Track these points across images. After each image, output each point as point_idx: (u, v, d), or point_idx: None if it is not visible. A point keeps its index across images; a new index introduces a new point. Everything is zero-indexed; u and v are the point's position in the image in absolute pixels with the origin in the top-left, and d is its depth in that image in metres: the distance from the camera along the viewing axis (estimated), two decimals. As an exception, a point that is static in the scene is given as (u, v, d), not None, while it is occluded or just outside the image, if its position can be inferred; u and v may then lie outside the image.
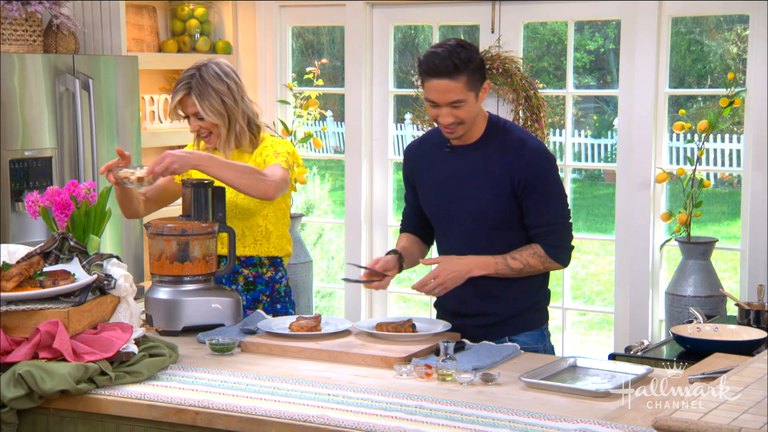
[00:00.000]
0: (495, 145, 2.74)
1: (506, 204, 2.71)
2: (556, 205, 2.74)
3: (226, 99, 2.98)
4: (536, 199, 2.71)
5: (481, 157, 2.74)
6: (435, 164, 2.81)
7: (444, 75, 2.61)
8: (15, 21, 3.92)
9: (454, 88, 2.61)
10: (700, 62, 6.97)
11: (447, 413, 2.12)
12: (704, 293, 3.98)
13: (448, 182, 2.78)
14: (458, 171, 2.76)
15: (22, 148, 3.77)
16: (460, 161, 2.76)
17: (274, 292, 3.08)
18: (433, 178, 2.81)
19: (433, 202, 2.84)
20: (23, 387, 2.24)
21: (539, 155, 2.72)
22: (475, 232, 2.75)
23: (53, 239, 2.56)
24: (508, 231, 2.75)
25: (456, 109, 2.65)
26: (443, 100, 2.63)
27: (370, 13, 4.76)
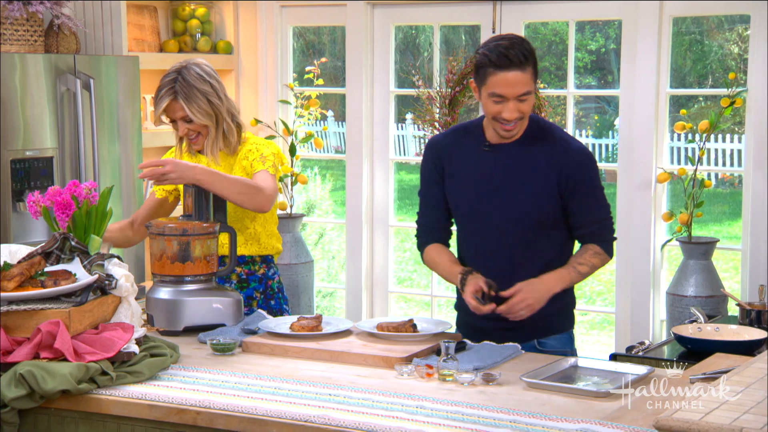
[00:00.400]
0: (539, 145, 2.70)
1: (551, 204, 2.69)
2: (602, 203, 2.75)
3: (212, 99, 2.97)
4: (584, 199, 2.70)
5: (526, 156, 2.69)
6: (471, 162, 2.74)
7: (516, 66, 2.57)
8: (16, 21, 3.92)
9: (524, 79, 2.59)
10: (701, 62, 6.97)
11: (448, 413, 2.12)
12: (705, 293, 3.98)
13: (489, 181, 2.71)
14: (499, 169, 2.70)
15: (23, 148, 3.77)
16: (502, 159, 2.70)
17: (268, 289, 3.09)
18: (470, 176, 2.73)
19: (469, 202, 2.74)
20: (24, 387, 2.24)
21: (585, 156, 2.73)
22: (516, 233, 2.70)
23: (54, 239, 2.57)
24: (549, 232, 2.73)
25: (522, 102, 2.61)
26: (513, 93, 2.59)
27: (371, 13, 4.76)
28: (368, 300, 4.90)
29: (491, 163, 2.72)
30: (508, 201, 2.70)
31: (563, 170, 2.67)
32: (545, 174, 2.68)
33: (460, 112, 4.62)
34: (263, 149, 3.00)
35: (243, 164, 3.01)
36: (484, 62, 2.61)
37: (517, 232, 2.71)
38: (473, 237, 2.78)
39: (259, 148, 3.00)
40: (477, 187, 2.73)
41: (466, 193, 2.76)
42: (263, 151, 3.00)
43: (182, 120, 2.99)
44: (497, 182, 2.71)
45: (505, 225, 2.71)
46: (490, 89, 2.60)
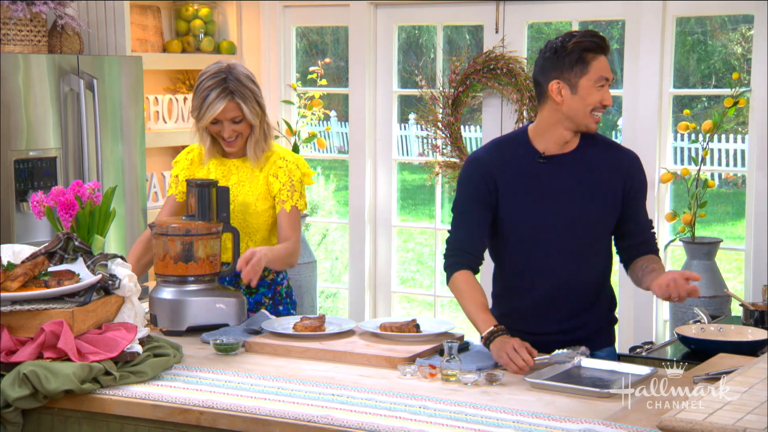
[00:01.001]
0: (593, 154, 2.66)
1: (612, 212, 2.66)
2: (645, 210, 2.74)
3: (259, 100, 2.96)
4: (640, 204, 2.70)
5: (584, 167, 2.64)
6: (529, 177, 2.64)
7: (605, 51, 2.60)
8: (20, 21, 3.93)
9: (607, 66, 2.61)
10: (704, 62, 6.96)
11: (451, 413, 2.12)
12: (709, 293, 3.97)
13: (549, 193, 2.63)
14: (558, 180, 2.63)
15: (26, 148, 3.78)
16: (560, 170, 2.63)
17: (276, 294, 3.08)
18: (528, 190, 2.63)
19: (527, 215, 2.63)
20: (28, 387, 2.24)
21: (639, 160, 2.73)
22: (578, 241, 2.64)
23: (58, 239, 2.57)
24: (604, 238, 2.71)
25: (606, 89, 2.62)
26: (607, 75, 2.59)
27: (374, 13, 4.76)
28: (371, 300, 4.90)
29: (549, 174, 2.63)
30: (573, 211, 2.63)
31: (626, 175, 2.66)
32: (609, 181, 2.65)
33: (463, 112, 4.62)
34: (292, 172, 2.97)
35: (270, 180, 2.98)
36: (589, 47, 2.57)
37: (580, 240, 2.65)
38: (526, 255, 2.66)
39: (289, 172, 2.97)
40: (537, 200, 2.63)
41: (525, 208, 2.64)
42: (292, 176, 2.97)
43: (231, 121, 2.93)
44: (558, 194, 2.63)
45: (569, 235, 2.64)
46: (597, 74, 2.57)
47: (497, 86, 4.47)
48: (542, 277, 2.65)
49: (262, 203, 3.00)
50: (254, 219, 3.00)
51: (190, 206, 2.88)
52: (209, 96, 2.90)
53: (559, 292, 2.64)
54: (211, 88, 2.91)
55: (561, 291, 2.64)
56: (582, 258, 2.66)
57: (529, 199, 2.63)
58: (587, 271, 2.67)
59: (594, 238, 2.67)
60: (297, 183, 2.99)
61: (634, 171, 2.69)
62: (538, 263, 2.65)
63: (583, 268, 2.67)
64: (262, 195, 3.00)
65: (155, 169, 4.68)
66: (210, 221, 2.86)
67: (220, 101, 2.90)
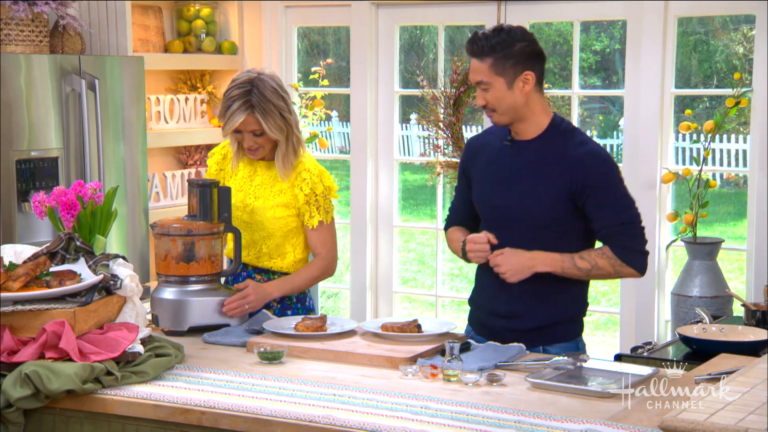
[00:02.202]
0: (554, 145, 2.70)
1: (561, 205, 2.68)
2: (620, 206, 2.70)
3: (285, 114, 2.92)
4: (597, 202, 2.67)
5: (541, 155, 2.71)
6: (493, 158, 2.78)
7: (474, 55, 2.68)
8: (21, 21, 3.93)
9: (478, 68, 2.68)
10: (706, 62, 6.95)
11: (452, 413, 2.12)
12: (710, 294, 3.97)
13: (506, 178, 2.74)
14: (515, 167, 2.73)
15: (28, 148, 3.78)
16: (520, 156, 2.73)
17: (285, 298, 3.07)
18: (490, 171, 2.78)
19: (487, 196, 2.79)
20: (30, 387, 2.24)
21: (598, 159, 2.69)
22: (531, 230, 2.70)
23: (59, 239, 2.57)
24: (566, 234, 2.71)
25: (482, 91, 2.69)
26: (472, 79, 2.71)
27: (375, 14, 4.76)
28: (373, 300, 4.90)
29: (509, 158, 2.76)
30: (522, 197, 2.71)
31: (574, 173, 2.66)
32: (557, 174, 2.67)
33: (465, 112, 4.62)
34: (315, 183, 2.97)
35: (296, 192, 2.97)
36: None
37: (530, 229, 2.70)
38: (493, 231, 2.74)
39: (312, 180, 2.96)
40: (492, 181, 2.77)
41: (485, 188, 2.80)
42: (315, 189, 2.96)
43: (252, 133, 2.92)
44: (513, 178, 2.73)
45: (519, 220, 2.71)
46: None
47: (499, 86, 4.46)
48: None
49: (281, 210, 2.98)
50: (270, 224, 2.98)
51: (191, 206, 2.88)
52: (232, 106, 2.89)
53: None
54: (235, 99, 2.89)
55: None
56: (537, 244, 2.68)
57: (490, 179, 2.79)
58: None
59: (544, 229, 2.69)
60: (321, 198, 2.98)
61: (586, 169, 2.67)
62: (500, 240, 2.72)
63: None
64: (283, 202, 2.98)
65: (157, 170, 4.68)
66: (211, 221, 2.86)
67: (240, 114, 2.88)
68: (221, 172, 3.10)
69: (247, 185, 3.02)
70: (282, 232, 3.00)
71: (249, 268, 3.06)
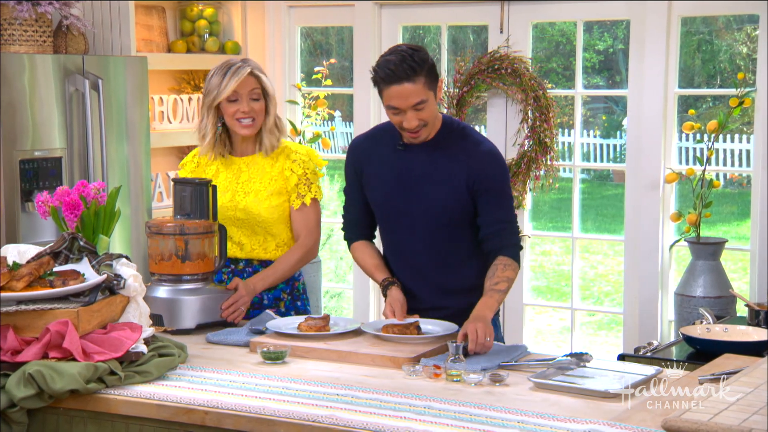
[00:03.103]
0: (450, 145, 2.79)
1: (462, 201, 2.78)
2: (508, 206, 2.83)
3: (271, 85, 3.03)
4: (491, 198, 2.78)
5: (437, 156, 2.80)
6: (386, 162, 2.84)
7: (403, 79, 2.65)
8: (25, 21, 3.94)
9: (414, 90, 2.66)
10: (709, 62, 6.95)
11: (456, 413, 2.12)
12: (714, 294, 3.97)
13: (403, 180, 2.82)
14: (413, 169, 2.80)
15: (32, 148, 3.78)
16: (415, 159, 2.81)
17: (294, 290, 3.10)
18: (385, 175, 2.84)
19: (385, 200, 2.86)
20: (33, 386, 2.25)
21: (493, 157, 2.81)
22: (429, 230, 2.81)
23: (63, 239, 2.57)
24: (465, 228, 2.82)
25: (419, 111, 2.70)
26: (406, 104, 2.68)
27: (378, 14, 4.76)
28: (376, 300, 4.90)
29: (404, 162, 2.82)
30: (420, 199, 2.80)
31: (472, 170, 2.77)
32: (454, 173, 2.77)
33: (468, 112, 4.62)
34: (306, 161, 3.03)
35: (287, 175, 3.02)
36: (376, 79, 2.72)
37: (431, 229, 2.81)
38: (392, 234, 2.90)
39: (302, 159, 3.02)
40: (391, 185, 2.84)
41: (381, 192, 2.86)
42: (307, 167, 3.02)
43: (249, 96, 2.96)
44: (409, 181, 2.81)
45: (419, 223, 2.82)
46: (386, 102, 2.71)
47: (502, 86, 4.46)
48: (403, 258, 2.87)
49: (276, 198, 3.02)
50: (268, 213, 3.01)
51: (178, 206, 2.89)
52: (227, 72, 2.96)
53: (420, 274, 2.83)
54: (227, 68, 2.97)
55: (421, 272, 2.83)
56: (436, 246, 2.81)
57: (384, 184, 2.84)
58: (444, 260, 2.82)
59: (445, 227, 2.80)
60: (311, 175, 3.04)
61: (482, 166, 2.77)
62: (396, 245, 2.89)
63: (438, 256, 2.82)
64: (276, 190, 3.02)
65: (160, 169, 4.68)
66: (206, 220, 2.87)
67: (240, 73, 2.94)
68: None
69: (234, 184, 3.05)
70: (282, 219, 3.04)
71: (255, 263, 3.07)
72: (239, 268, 3.08)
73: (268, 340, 2.64)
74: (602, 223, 9.27)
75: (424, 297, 2.85)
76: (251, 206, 3.02)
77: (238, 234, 3.06)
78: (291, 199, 3.03)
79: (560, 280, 7.65)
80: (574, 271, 4.64)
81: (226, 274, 3.10)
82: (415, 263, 2.85)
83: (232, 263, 3.09)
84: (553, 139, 4.45)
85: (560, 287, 7.55)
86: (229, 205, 3.03)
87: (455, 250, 2.83)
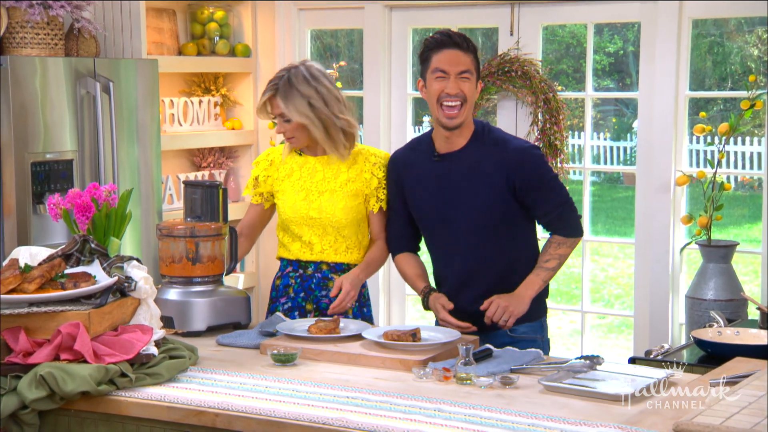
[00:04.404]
0: (483, 149, 2.87)
1: (503, 204, 2.85)
2: (553, 191, 2.90)
3: (314, 102, 2.95)
4: (539, 192, 2.87)
5: (473, 161, 2.86)
6: (425, 173, 2.92)
7: (456, 45, 2.79)
8: (37, 25, 3.95)
9: (464, 59, 2.79)
10: (721, 64, 6.92)
11: (466, 416, 2.12)
12: (725, 297, 3.95)
13: (444, 188, 2.88)
14: (451, 177, 2.88)
15: (43, 150, 3.80)
16: (452, 167, 2.88)
17: (361, 297, 3.10)
18: (425, 186, 2.91)
19: (428, 209, 2.92)
20: (45, 388, 2.25)
21: (525, 152, 2.88)
22: (474, 236, 2.87)
23: (74, 241, 2.58)
24: (508, 231, 2.89)
25: (463, 81, 2.79)
26: (454, 69, 2.78)
27: (388, 16, 4.77)
28: (385, 304, 4.90)
29: (441, 171, 2.89)
30: (462, 207, 2.86)
31: (507, 170, 2.83)
32: (492, 177, 2.84)
33: (478, 114, 4.62)
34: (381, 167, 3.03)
35: (366, 177, 3.02)
36: (428, 46, 2.83)
37: (475, 235, 2.87)
38: (437, 243, 2.96)
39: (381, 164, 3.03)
40: (431, 196, 2.90)
41: (423, 204, 2.93)
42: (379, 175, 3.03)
43: (280, 117, 2.99)
44: (449, 190, 2.88)
45: (463, 230, 2.87)
46: (433, 66, 2.80)
47: (512, 88, 4.46)
48: (449, 269, 2.94)
49: (352, 200, 3.01)
50: (343, 215, 3.00)
51: (189, 209, 2.89)
52: (265, 92, 3.02)
53: (468, 278, 2.89)
54: (270, 82, 3.02)
55: (469, 277, 2.89)
56: (481, 251, 2.87)
57: (425, 195, 2.92)
58: (491, 264, 2.89)
59: (489, 231, 2.87)
60: (384, 181, 3.05)
61: (517, 164, 2.84)
62: (442, 255, 2.96)
63: (484, 261, 2.88)
64: (353, 191, 3.01)
65: (171, 172, 4.69)
66: (217, 222, 2.87)
67: (265, 95, 3.00)
68: (269, 179, 3.10)
69: (308, 183, 3.03)
70: (356, 220, 3.03)
71: (324, 268, 3.04)
72: (308, 273, 3.05)
73: (279, 343, 2.64)
74: (612, 225, 9.25)
75: (467, 303, 2.88)
76: (326, 206, 3.00)
77: (309, 233, 3.03)
78: (370, 202, 3.03)
79: (570, 282, 7.64)
80: (584, 273, 4.62)
81: (293, 278, 3.06)
82: (462, 271, 2.91)
83: (300, 268, 3.06)
84: (564, 141, 4.45)
85: (570, 290, 7.53)
86: (303, 204, 3.01)
87: (502, 254, 2.89)
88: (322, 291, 3.04)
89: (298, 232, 3.03)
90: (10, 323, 2.36)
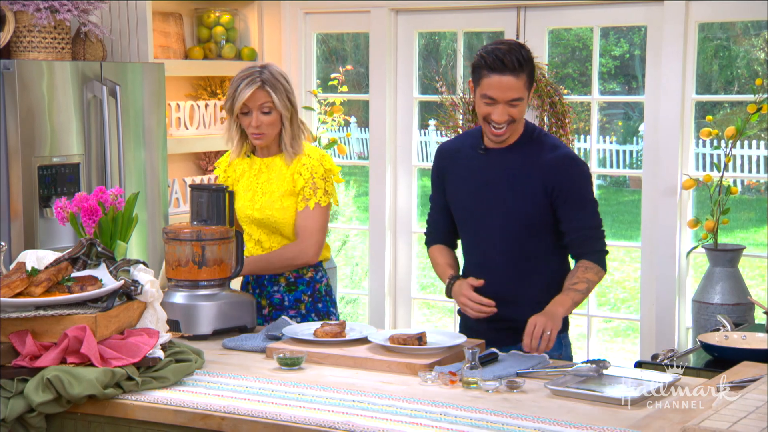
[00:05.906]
0: (529, 151, 2.79)
1: (540, 208, 2.76)
2: (591, 211, 2.80)
3: (290, 97, 3.06)
4: (571, 205, 2.76)
5: (516, 161, 2.78)
6: (469, 166, 2.85)
7: (508, 71, 2.66)
8: (44, 29, 3.97)
9: (516, 85, 2.67)
10: (727, 68, 6.91)
11: (472, 420, 2.11)
12: (732, 301, 3.94)
13: (484, 184, 2.81)
14: (493, 173, 2.80)
15: (50, 154, 3.81)
16: (495, 164, 2.80)
17: (315, 292, 3.13)
18: (466, 178, 2.84)
19: (466, 204, 2.86)
20: (51, 392, 2.26)
21: (572, 163, 2.78)
22: (510, 235, 2.79)
23: (81, 245, 2.59)
24: (542, 235, 2.80)
25: (513, 107, 2.70)
26: (503, 97, 2.67)
27: (394, 20, 4.77)
28: (391, 306, 4.90)
29: (484, 166, 2.82)
30: (498, 202, 2.79)
31: (549, 176, 2.75)
32: (531, 179, 2.76)
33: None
34: (315, 169, 3.05)
35: (295, 178, 3.05)
36: (480, 64, 2.71)
37: (509, 233, 2.79)
38: (473, 238, 2.88)
39: (312, 168, 3.05)
40: (470, 189, 2.84)
41: (461, 196, 2.86)
42: (314, 172, 3.04)
43: (260, 110, 3.01)
44: (489, 185, 2.81)
45: (497, 227, 2.80)
46: (482, 91, 2.71)
47: (518, 92, 4.46)
48: (480, 264, 2.84)
49: (287, 200, 3.06)
50: (280, 214, 3.06)
51: (195, 212, 2.90)
52: (240, 85, 3.02)
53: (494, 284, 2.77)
54: (243, 79, 3.03)
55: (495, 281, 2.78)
56: (514, 250, 2.79)
57: (464, 187, 2.84)
58: (522, 264, 2.79)
59: (523, 231, 2.78)
60: (319, 180, 3.05)
61: (560, 172, 2.75)
62: (476, 249, 2.87)
63: (516, 260, 2.79)
64: (287, 192, 3.06)
65: (177, 175, 4.70)
66: (224, 225, 2.88)
67: (249, 87, 3.00)
68: (228, 180, 3.19)
69: (254, 184, 3.11)
70: (293, 221, 3.06)
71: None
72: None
73: (285, 346, 2.65)
74: (619, 229, 9.24)
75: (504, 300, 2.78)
76: (266, 206, 3.07)
77: (258, 233, 3.13)
78: (297, 201, 3.06)
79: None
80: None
81: (252, 276, 3.13)
82: (493, 267, 2.81)
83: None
84: (570, 145, 4.44)
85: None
86: (249, 204, 3.10)
87: (534, 257, 2.80)
88: (273, 287, 3.10)
89: (249, 231, 3.14)
90: (17, 326, 2.37)
